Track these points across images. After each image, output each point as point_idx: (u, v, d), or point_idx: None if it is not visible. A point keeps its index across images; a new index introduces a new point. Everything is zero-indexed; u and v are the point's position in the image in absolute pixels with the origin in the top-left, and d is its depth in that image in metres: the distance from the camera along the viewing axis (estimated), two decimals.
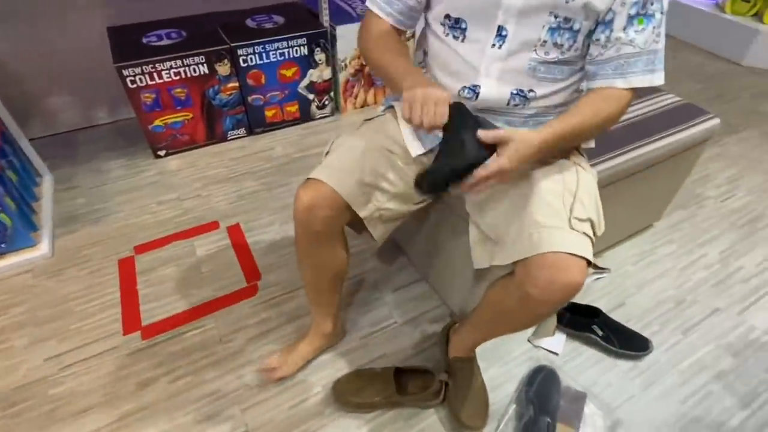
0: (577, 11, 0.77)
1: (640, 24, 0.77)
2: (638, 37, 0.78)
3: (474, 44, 0.85)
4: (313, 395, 1.11)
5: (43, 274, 1.39)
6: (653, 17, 0.77)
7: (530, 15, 0.79)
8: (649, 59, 0.79)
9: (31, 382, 1.13)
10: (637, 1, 0.76)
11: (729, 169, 1.89)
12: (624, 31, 0.78)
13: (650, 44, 0.78)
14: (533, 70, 0.84)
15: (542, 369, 1.14)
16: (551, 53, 0.82)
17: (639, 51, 0.78)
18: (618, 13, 0.77)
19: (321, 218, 0.88)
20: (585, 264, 0.76)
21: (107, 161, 1.83)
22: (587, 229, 0.80)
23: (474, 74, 0.87)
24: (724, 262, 1.48)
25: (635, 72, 0.79)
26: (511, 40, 0.82)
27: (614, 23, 0.78)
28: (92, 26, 1.78)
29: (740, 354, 1.23)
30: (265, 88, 1.86)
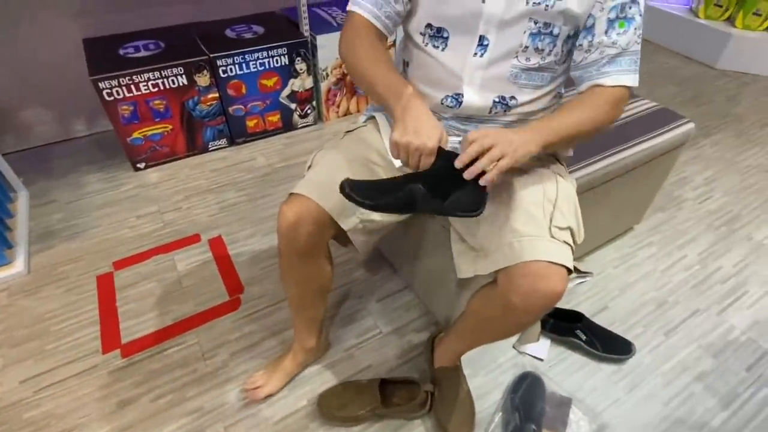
0: (555, 17, 0.79)
1: (621, 27, 0.79)
2: (621, 39, 0.80)
3: (456, 53, 0.85)
4: (298, 410, 1.10)
5: (19, 292, 1.35)
6: (633, 20, 0.79)
7: (511, 24, 0.80)
8: (632, 59, 0.82)
9: (6, 406, 1.10)
10: (615, 6, 0.78)
11: (706, 171, 1.93)
12: (606, 34, 0.80)
13: (632, 45, 0.81)
14: (515, 77, 0.85)
15: (527, 376, 1.14)
16: (532, 59, 0.84)
17: (622, 51, 0.80)
18: (598, 18, 0.80)
19: (305, 234, 0.87)
20: (565, 272, 0.76)
21: (85, 175, 1.79)
22: (567, 237, 0.81)
23: (457, 82, 0.87)
24: (702, 263, 1.51)
25: (621, 70, 0.81)
26: (492, 49, 0.83)
27: (595, 28, 0.80)
28: (68, 38, 1.75)
29: (720, 354, 1.25)
30: (246, 98, 1.84)
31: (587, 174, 1.13)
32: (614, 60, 0.81)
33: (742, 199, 1.79)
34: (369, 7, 0.87)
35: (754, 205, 1.75)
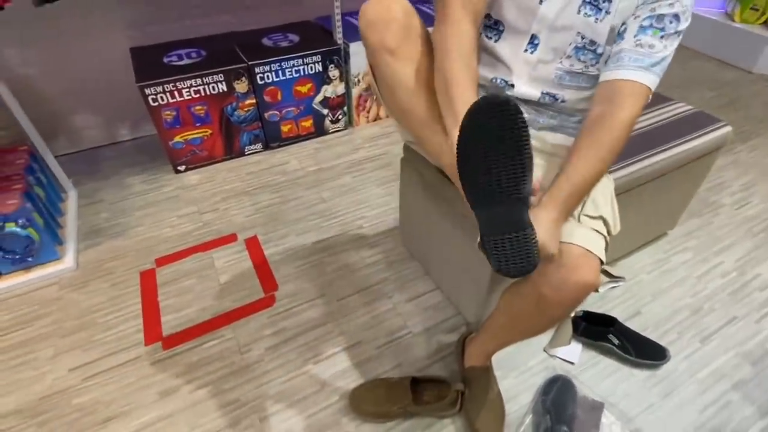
0: (601, 34, 0.82)
1: (655, 33, 0.79)
2: (645, 40, 0.78)
3: (508, 45, 0.90)
4: (331, 404, 1.13)
5: (69, 286, 1.44)
6: (666, 32, 0.78)
7: (560, 30, 0.84)
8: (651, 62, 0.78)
9: (56, 392, 1.17)
10: (652, 17, 0.78)
11: (743, 177, 1.88)
12: (635, 36, 0.79)
13: (659, 50, 0.78)
14: (559, 78, 0.90)
15: (558, 378, 1.14)
16: (576, 66, 0.87)
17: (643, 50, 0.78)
18: (630, 25, 0.80)
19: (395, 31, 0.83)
20: (598, 263, 0.77)
21: (129, 176, 1.88)
22: (599, 226, 0.82)
23: (506, 71, 0.92)
24: (740, 270, 1.47)
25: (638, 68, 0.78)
26: (542, 48, 0.88)
27: (626, 32, 0.80)
28: (116, 47, 1.85)
29: (759, 362, 1.22)
30: (281, 104, 1.91)
31: (622, 177, 1.13)
32: (636, 56, 0.78)
33: None
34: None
35: None
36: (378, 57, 0.86)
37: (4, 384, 1.18)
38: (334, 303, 1.37)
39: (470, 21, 0.82)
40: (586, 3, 0.81)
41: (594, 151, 0.76)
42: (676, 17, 0.78)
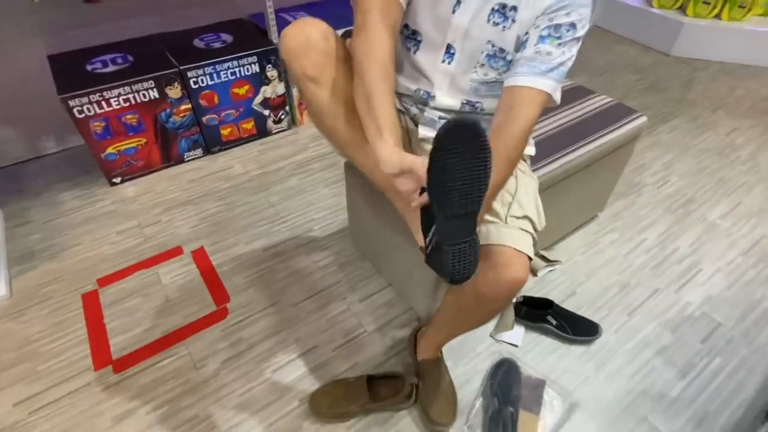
0: (509, 42, 0.87)
1: (552, 42, 0.83)
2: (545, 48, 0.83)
3: (427, 56, 0.94)
4: (291, 410, 1.15)
5: (3, 316, 1.36)
6: (563, 39, 0.83)
7: (472, 39, 0.88)
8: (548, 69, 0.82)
9: (2, 429, 1.12)
10: (551, 26, 0.83)
11: (663, 157, 2.05)
12: (535, 45, 0.83)
13: (556, 56, 0.82)
14: (476, 89, 0.95)
15: (504, 363, 1.22)
16: (489, 74, 0.92)
17: (541, 57, 0.82)
18: (531, 34, 0.85)
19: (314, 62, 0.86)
20: (527, 260, 0.84)
21: (60, 193, 1.78)
22: (525, 225, 0.89)
23: (428, 83, 0.97)
24: (661, 245, 1.62)
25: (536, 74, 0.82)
26: (458, 58, 0.92)
27: (528, 41, 0.85)
28: (31, 56, 1.73)
29: (678, 329, 1.36)
30: (218, 108, 1.86)
31: (549, 171, 1.21)
32: (534, 63, 0.82)
33: (697, 181, 1.91)
34: None
35: (707, 187, 1.88)
36: (301, 84, 0.89)
37: None
38: (288, 310, 1.38)
39: (388, 31, 0.84)
40: (495, 12, 0.86)
41: (499, 155, 0.81)
42: (573, 25, 0.83)
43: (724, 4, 2.75)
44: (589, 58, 2.86)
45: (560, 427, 1.14)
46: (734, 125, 2.26)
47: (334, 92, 0.89)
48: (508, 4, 0.85)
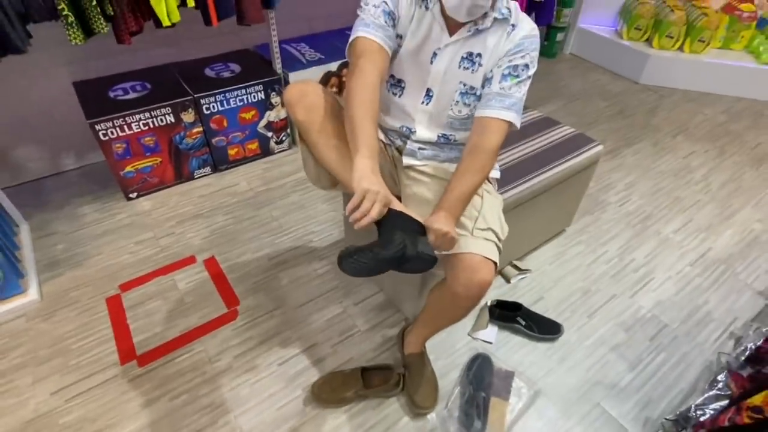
0: (478, 81, 1.10)
1: (512, 80, 1.06)
2: (507, 85, 1.06)
3: (409, 99, 1.17)
4: (296, 398, 1.34)
5: (36, 317, 1.53)
6: (520, 79, 1.06)
7: (448, 82, 1.11)
8: (512, 103, 1.05)
9: (41, 415, 1.28)
10: (510, 66, 1.06)
11: (626, 177, 2.28)
12: (498, 83, 1.06)
13: (516, 94, 1.06)
14: (451, 124, 1.18)
15: (479, 357, 1.42)
16: (463, 111, 1.14)
17: (504, 94, 1.05)
18: (495, 73, 1.08)
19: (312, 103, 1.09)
20: (493, 266, 1.03)
21: (80, 206, 1.96)
22: (490, 236, 1.07)
23: (410, 120, 1.19)
24: (620, 257, 1.84)
25: (502, 108, 1.04)
26: (435, 100, 1.14)
27: (492, 79, 1.08)
28: (57, 82, 1.91)
29: (630, 329, 1.57)
30: (227, 131, 2.06)
31: (517, 193, 1.42)
32: (501, 99, 1.05)
33: (655, 200, 2.14)
34: (372, 31, 1.03)
35: (663, 205, 2.11)
36: (298, 125, 1.13)
37: None
38: (291, 312, 1.57)
39: (375, 75, 1.01)
40: (464, 59, 1.08)
41: (470, 171, 1.04)
42: (527, 66, 1.07)
43: (685, 38, 3.03)
44: (566, 84, 3.12)
45: (526, 410, 1.33)
46: (692, 149, 2.51)
47: (320, 130, 1.10)
48: (474, 52, 1.08)
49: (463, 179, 1.04)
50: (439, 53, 1.09)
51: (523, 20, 1.08)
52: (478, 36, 1.06)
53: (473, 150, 1.06)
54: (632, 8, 3.15)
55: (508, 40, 1.06)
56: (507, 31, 1.06)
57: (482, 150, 1.05)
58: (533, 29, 1.07)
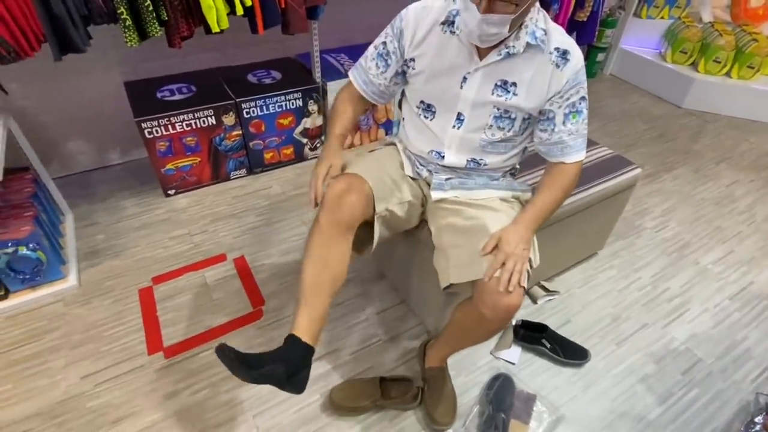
0: (511, 108, 1.08)
1: (574, 118, 1.08)
2: (573, 127, 1.09)
3: (440, 123, 1.15)
4: (313, 402, 1.34)
5: (73, 302, 1.60)
6: (582, 112, 1.08)
7: (480, 107, 1.09)
8: (581, 140, 1.11)
9: (71, 397, 1.33)
10: (569, 104, 1.07)
11: (664, 203, 2.21)
12: (563, 124, 1.08)
13: (582, 130, 1.10)
14: (483, 147, 1.15)
15: (500, 376, 1.39)
16: (496, 134, 1.13)
17: (575, 136, 1.09)
18: (557, 113, 1.07)
19: (350, 203, 1.08)
20: (521, 290, 1.02)
21: (122, 200, 2.05)
22: None
23: (440, 144, 1.18)
24: (654, 284, 1.78)
25: (575, 150, 1.11)
26: (467, 123, 1.12)
27: (555, 119, 1.08)
28: (109, 81, 2.02)
29: (662, 360, 1.51)
30: (264, 135, 2.12)
31: None
32: (572, 144, 1.10)
33: (694, 228, 2.06)
34: (360, 83, 1.22)
35: (703, 234, 2.03)
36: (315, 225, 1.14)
37: (22, 391, 1.34)
38: None
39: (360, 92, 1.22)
40: (498, 86, 1.06)
41: (550, 187, 1.12)
42: (583, 98, 1.07)
43: (733, 64, 2.93)
44: (604, 105, 3.07)
45: None
46: (735, 177, 2.41)
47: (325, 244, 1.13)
48: (509, 81, 1.05)
49: (542, 197, 1.10)
50: (469, 77, 1.07)
51: (568, 47, 1.03)
52: (511, 61, 1.03)
53: (555, 170, 1.12)
54: (678, 31, 3.07)
55: (558, 76, 1.03)
56: (552, 61, 1.02)
57: (561, 189, 1.12)
58: (580, 59, 1.04)
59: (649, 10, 3.25)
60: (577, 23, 2.72)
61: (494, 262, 1.01)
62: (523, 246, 1.03)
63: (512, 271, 0.99)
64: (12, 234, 1.46)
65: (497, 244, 1.03)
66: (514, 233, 1.04)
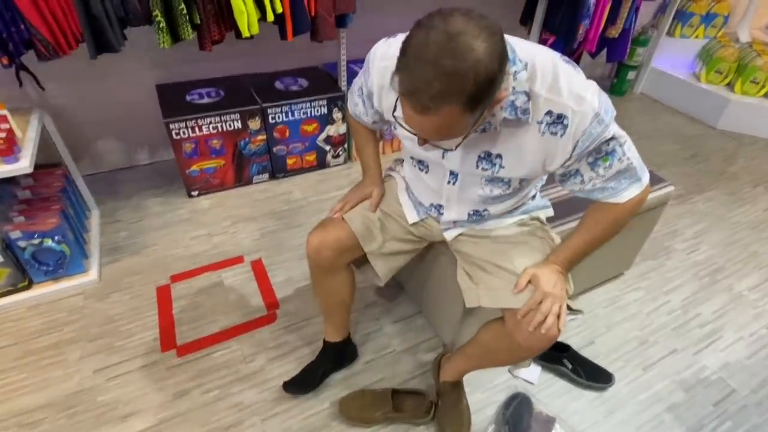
0: (504, 177, 0.93)
1: (606, 161, 0.86)
2: (610, 171, 0.87)
3: (434, 178, 1.05)
4: (323, 410, 1.31)
5: (93, 296, 1.62)
6: (615, 152, 0.85)
7: (468, 174, 0.97)
8: (631, 174, 0.88)
9: (83, 390, 1.34)
10: (590, 152, 0.84)
11: (696, 225, 2.12)
12: (594, 171, 0.87)
13: (625, 165, 0.87)
14: (483, 201, 1.03)
15: (518, 395, 1.33)
16: (495, 191, 0.99)
17: (616, 177, 0.88)
18: (579, 167, 0.88)
19: (325, 257, 1.14)
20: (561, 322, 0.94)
21: (146, 199, 2.08)
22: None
23: (438, 197, 1.08)
24: (684, 309, 1.69)
25: (624, 188, 0.90)
26: (461, 180, 1.00)
27: (581, 173, 0.89)
28: (142, 83, 2.08)
29: (692, 389, 1.42)
30: (288, 141, 2.13)
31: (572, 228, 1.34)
32: (614, 185, 0.89)
33: (728, 252, 1.97)
34: (354, 113, 1.18)
35: (738, 259, 1.93)
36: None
37: (37, 380, 1.35)
38: None
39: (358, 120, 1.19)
40: (482, 159, 0.91)
41: (597, 228, 0.96)
42: (608, 141, 0.83)
43: None
44: (634, 124, 2.99)
45: None
46: None
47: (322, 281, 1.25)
48: (493, 153, 0.89)
49: (581, 233, 0.98)
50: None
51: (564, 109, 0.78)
52: (491, 132, 0.86)
53: (602, 206, 0.94)
54: (713, 51, 2.99)
55: (561, 144, 0.82)
56: (542, 131, 0.82)
57: (614, 211, 0.93)
58: (586, 113, 0.78)
59: (683, 29, 3.18)
60: (608, 40, 2.68)
61: (531, 301, 0.93)
62: (561, 286, 0.95)
63: (548, 313, 0.92)
64: (39, 226, 1.49)
65: (530, 281, 0.95)
66: (550, 272, 0.95)
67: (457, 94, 0.65)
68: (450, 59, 0.63)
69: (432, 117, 0.68)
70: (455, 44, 0.63)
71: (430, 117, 0.68)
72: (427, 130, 0.74)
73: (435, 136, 0.75)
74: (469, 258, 1.12)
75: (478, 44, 0.63)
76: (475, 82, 0.64)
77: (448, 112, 0.67)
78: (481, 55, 0.63)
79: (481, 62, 0.63)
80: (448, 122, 0.70)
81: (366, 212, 1.18)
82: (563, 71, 0.79)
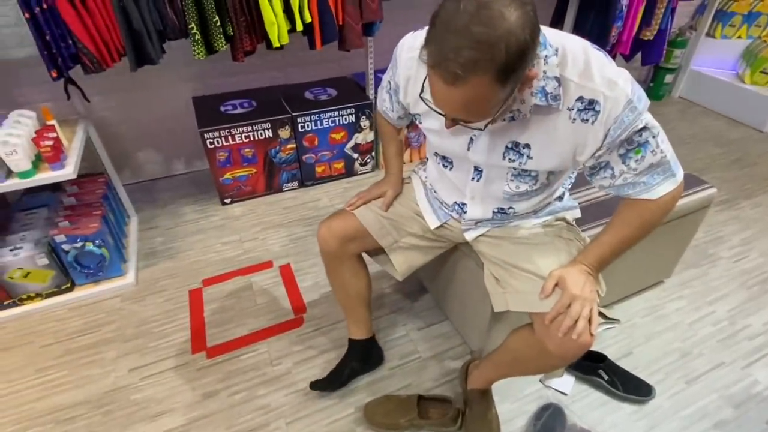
0: (531, 168, 0.91)
1: (637, 153, 0.82)
2: (642, 164, 0.83)
3: (459, 174, 1.03)
4: (348, 415, 1.30)
5: (129, 299, 1.68)
6: (647, 143, 0.81)
7: (494, 167, 0.95)
8: (664, 168, 0.84)
9: (118, 388, 1.38)
10: (621, 142, 0.80)
11: (743, 232, 1.99)
12: (625, 164, 0.84)
13: (658, 159, 0.83)
14: (509, 198, 1.01)
15: (550, 406, 1.28)
16: (521, 187, 0.96)
17: (649, 167, 0.83)
18: (610, 159, 0.84)
19: (331, 246, 1.19)
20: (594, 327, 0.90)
21: (182, 206, 2.16)
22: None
23: (461, 195, 1.07)
24: (731, 320, 1.59)
25: (657, 183, 0.85)
26: (486, 176, 0.99)
27: (613, 167, 0.85)
28: (180, 96, 2.17)
29: (742, 406, 1.32)
30: (317, 149, 2.17)
31: None
32: (647, 179, 0.84)
33: None
34: (381, 109, 1.19)
35: None
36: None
37: (77, 378, 1.40)
38: None
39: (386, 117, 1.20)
40: (509, 149, 0.89)
41: (627, 227, 0.90)
42: (641, 131, 0.80)
43: None
44: (673, 128, 2.87)
45: None
46: None
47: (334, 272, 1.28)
48: (521, 143, 0.87)
49: (610, 229, 0.92)
50: (475, 139, 0.92)
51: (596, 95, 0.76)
52: (520, 121, 0.85)
53: (634, 204, 0.89)
54: (758, 51, 2.85)
55: (593, 132, 0.79)
56: (573, 118, 0.79)
57: (646, 208, 0.87)
58: (619, 98, 0.76)
59: (724, 30, 3.05)
60: (642, 42, 2.60)
61: (558, 304, 0.88)
62: (590, 287, 0.89)
63: (578, 317, 0.86)
64: (82, 230, 1.57)
65: (557, 283, 0.91)
66: (577, 273, 0.90)
67: (488, 62, 0.62)
68: (481, 26, 0.61)
69: (461, 89, 0.66)
70: (487, 12, 0.61)
71: (459, 89, 0.66)
72: (456, 106, 0.71)
73: (463, 112, 0.73)
74: (493, 259, 1.09)
75: (510, 12, 0.61)
76: (507, 51, 0.62)
77: (478, 83, 0.65)
78: (513, 25, 0.61)
79: (512, 32, 0.61)
80: (479, 95, 0.67)
81: (378, 210, 1.19)
82: (594, 57, 0.77)
